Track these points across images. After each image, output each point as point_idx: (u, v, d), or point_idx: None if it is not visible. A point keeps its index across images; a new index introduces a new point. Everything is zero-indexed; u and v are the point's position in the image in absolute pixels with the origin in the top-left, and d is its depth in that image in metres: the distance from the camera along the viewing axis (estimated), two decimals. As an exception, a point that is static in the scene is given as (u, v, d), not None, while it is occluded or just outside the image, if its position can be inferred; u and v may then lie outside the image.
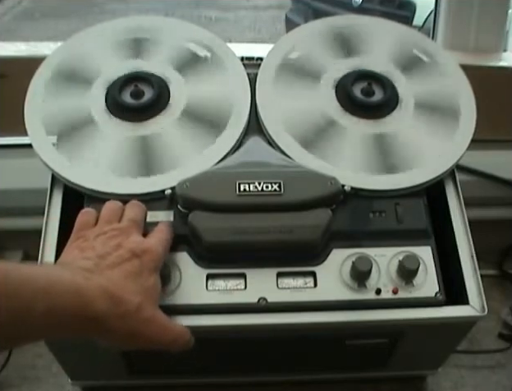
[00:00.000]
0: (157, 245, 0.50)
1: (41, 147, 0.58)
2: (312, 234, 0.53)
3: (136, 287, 0.45)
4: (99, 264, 0.45)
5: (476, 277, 0.56)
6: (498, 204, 0.85)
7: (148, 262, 0.47)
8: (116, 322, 0.43)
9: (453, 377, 0.74)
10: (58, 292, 0.41)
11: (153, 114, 0.60)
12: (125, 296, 0.44)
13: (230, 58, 0.65)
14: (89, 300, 0.42)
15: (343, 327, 0.55)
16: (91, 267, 0.45)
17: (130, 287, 0.45)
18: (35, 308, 0.39)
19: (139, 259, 0.47)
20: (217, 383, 0.68)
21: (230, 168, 0.57)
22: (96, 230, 0.50)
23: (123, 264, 0.46)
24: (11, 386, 0.71)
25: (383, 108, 0.61)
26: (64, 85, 0.62)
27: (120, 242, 0.48)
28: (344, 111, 0.61)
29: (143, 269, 0.47)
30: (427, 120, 0.62)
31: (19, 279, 0.39)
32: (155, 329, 0.46)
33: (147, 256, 0.48)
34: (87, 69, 0.63)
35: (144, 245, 0.48)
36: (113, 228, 0.49)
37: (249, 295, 0.54)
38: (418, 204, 0.58)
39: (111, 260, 0.46)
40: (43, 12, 3.52)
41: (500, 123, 0.82)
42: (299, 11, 2.65)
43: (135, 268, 0.46)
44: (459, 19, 0.84)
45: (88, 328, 0.43)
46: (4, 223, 0.82)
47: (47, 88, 0.61)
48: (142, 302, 0.45)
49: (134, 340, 0.45)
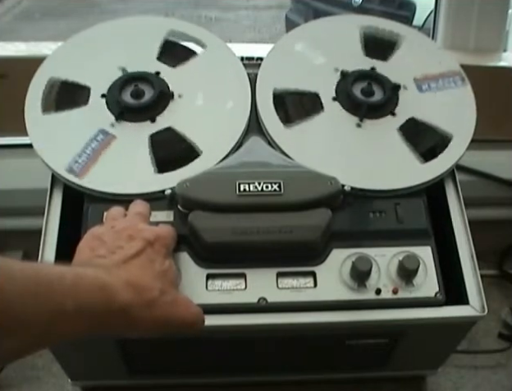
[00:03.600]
0: (167, 230, 0.50)
1: (41, 147, 0.58)
2: (312, 234, 0.53)
3: (154, 273, 0.46)
4: (114, 259, 0.46)
5: (476, 277, 0.56)
6: (498, 204, 0.85)
7: (161, 248, 0.48)
8: (143, 311, 0.44)
9: (453, 377, 0.74)
10: (84, 289, 0.41)
11: (153, 114, 0.60)
12: (146, 284, 0.44)
13: (230, 58, 0.65)
14: (114, 293, 0.42)
15: (343, 327, 0.55)
16: (107, 263, 0.45)
17: (149, 275, 0.45)
18: (66, 307, 0.39)
19: (151, 247, 0.47)
20: (216, 383, 0.68)
21: (230, 168, 0.57)
22: (103, 228, 0.50)
23: (137, 255, 0.46)
24: (11, 386, 0.71)
25: (383, 107, 0.61)
26: (64, 84, 0.62)
27: (130, 233, 0.48)
28: (344, 111, 0.61)
29: (157, 256, 0.47)
30: (412, 139, 0.61)
31: (48, 279, 0.39)
32: (180, 310, 0.46)
33: (159, 242, 0.48)
34: (87, 69, 0.63)
35: (154, 231, 0.49)
36: (121, 221, 0.50)
37: (249, 295, 0.54)
38: (418, 204, 0.58)
39: (124, 253, 0.46)
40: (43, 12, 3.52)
41: (500, 123, 0.82)
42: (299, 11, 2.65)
43: (150, 256, 0.47)
44: (459, 19, 0.84)
45: (117, 323, 0.43)
46: (4, 223, 0.82)
47: (46, 88, 0.61)
48: (163, 287, 0.45)
49: (162, 326, 0.45)
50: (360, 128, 0.60)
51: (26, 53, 0.82)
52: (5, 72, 0.77)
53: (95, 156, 0.58)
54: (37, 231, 0.56)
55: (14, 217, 0.82)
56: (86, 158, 0.57)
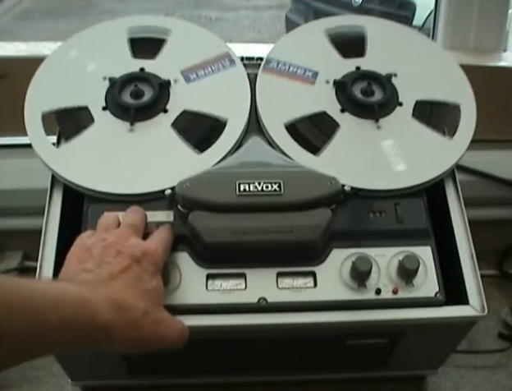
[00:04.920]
0: (156, 246, 0.50)
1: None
2: (312, 234, 0.53)
3: (139, 292, 0.46)
4: (100, 275, 0.45)
5: (476, 277, 0.56)
6: (498, 204, 0.85)
7: (149, 265, 0.48)
8: (124, 330, 0.44)
9: (453, 377, 0.74)
10: (67, 305, 0.41)
11: (154, 114, 0.60)
12: (130, 304, 0.44)
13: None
14: (96, 310, 0.42)
15: (343, 327, 0.55)
16: (92, 279, 0.45)
17: (134, 294, 0.45)
18: (48, 321, 0.39)
19: (138, 264, 0.47)
20: (216, 383, 0.68)
21: (230, 168, 0.57)
22: (94, 239, 0.50)
23: (124, 271, 0.46)
24: (11, 386, 0.71)
25: (383, 107, 0.61)
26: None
27: (119, 249, 0.48)
28: (344, 111, 0.61)
29: (144, 274, 0.47)
30: (427, 120, 0.62)
31: (31, 294, 0.39)
32: (164, 330, 0.47)
33: (147, 259, 0.48)
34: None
35: (143, 247, 0.48)
36: (112, 234, 0.50)
37: (249, 295, 0.54)
38: (418, 204, 0.58)
39: (110, 270, 0.46)
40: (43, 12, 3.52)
41: (500, 123, 0.82)
42: (299, 11, 2.66)
43: (136, 273, 0.46)
44: (459, 19, 0.84)
45: (99, 339, 0.43)
46: (4, 223, 0.82)
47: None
48: (147, 306, 0.45)
49: (144, 345, 0.46)
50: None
51: (26, 53, 0.82)
52: (5, 72, 0.77)
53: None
54: (37, 231, 0.56)
55: (14, 217, 0.82)
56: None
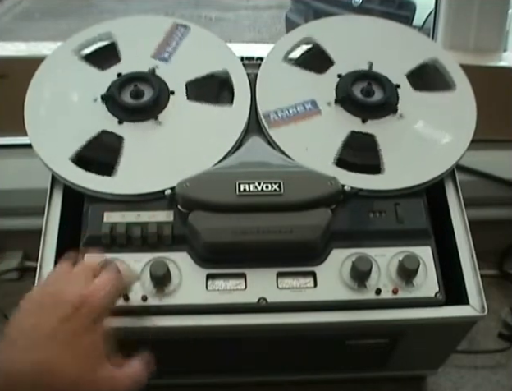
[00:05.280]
0: (98, 293, 0.44)
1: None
2: (312, 234, 0.53)
3: (72, 356, 0.42)
4: (38, 334, 0.42)
5: (476, 277, 0.56)
6: (498, 204, 0.85)
7: (89, 313, 0.43)
8: None
9: (453, 377, 0.74)
10: None
11: (154, 114, 0.60)
12: (56, 376, 0.41)
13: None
14: (15, 385, 0.40)
15: (343, 327, 0.55)
16: (21, 346, 0.41)
17: (65, 359, 0.42)
18: None
19: (77, 315, 0.43)
20: (216, 383, 0.68)
21: (230, 168, 0.57)
22: (46, 290, 0.45)
23: (62, 326, 0.42)
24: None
25: (383, 108, 0.61)
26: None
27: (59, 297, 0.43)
28: (343, 111, 0.61)
29: (80, 328, 0.43)
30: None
31: None
32: (105, 387, 0.44)
33: (86, 308, 0.43)
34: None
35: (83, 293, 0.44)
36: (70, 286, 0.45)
37: (249, 295, 0.54)
38: (418, 204, 0.58)
39: (51, 327, 0.42)
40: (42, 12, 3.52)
41: (500, 123, 0.82)
42: (299, 11, 2.65)
43: (74, 327, 0.43)
44: (459, 19, 0.84)
45: None
46: (4, 223, 0.82)
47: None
48: (80, 372, 0.42)
49: None
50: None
51: (26, 53, 0.82)
52: (5, 72, 0.77)
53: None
54: (37, 231, 0.56)
55: (14, 217, 0.82)
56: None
